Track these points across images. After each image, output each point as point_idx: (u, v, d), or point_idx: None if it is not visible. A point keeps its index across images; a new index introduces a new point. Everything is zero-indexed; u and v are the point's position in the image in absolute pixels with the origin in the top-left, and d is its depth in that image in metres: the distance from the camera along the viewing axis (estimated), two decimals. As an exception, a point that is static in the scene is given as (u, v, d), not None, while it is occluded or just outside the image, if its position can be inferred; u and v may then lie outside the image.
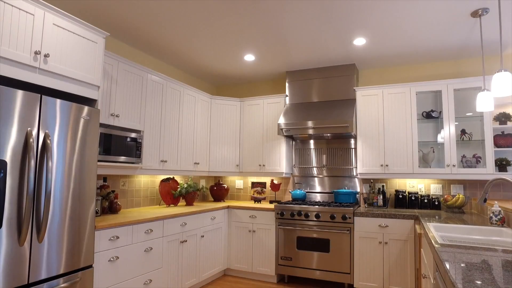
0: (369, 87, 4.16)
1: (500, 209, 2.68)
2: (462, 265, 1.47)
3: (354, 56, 4.13)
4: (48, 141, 2.14)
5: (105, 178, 3.46)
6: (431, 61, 4.24)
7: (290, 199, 4.80)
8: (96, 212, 3.04)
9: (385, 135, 4.05)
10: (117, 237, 2.77)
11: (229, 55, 4.16)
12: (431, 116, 4.01)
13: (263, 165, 4.64)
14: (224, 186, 4.91)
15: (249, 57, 4.22)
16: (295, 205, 4.03)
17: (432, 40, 3.60)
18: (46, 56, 2.21)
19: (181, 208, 3.91)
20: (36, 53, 2.14)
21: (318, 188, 4.65)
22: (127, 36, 3.63)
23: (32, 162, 2.04)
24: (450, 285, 1.38)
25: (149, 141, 3.60)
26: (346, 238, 3.77)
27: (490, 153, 3.61)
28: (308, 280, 4.19)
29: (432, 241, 2.03)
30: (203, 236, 3.91)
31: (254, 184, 5.04)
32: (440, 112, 3.98)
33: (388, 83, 4.46)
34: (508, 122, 3.71)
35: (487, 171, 3.60)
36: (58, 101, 2.26)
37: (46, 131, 2.16)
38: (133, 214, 3.25)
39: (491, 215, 2.69)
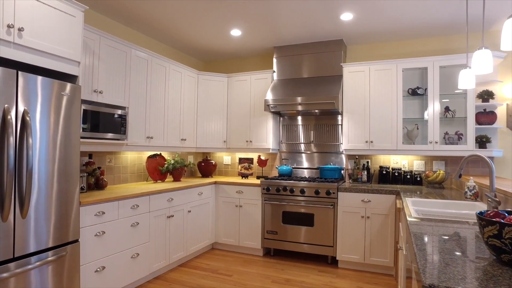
0: (356, 63, 4.15)
1: (474, 184, 2.77)
2: (428, 236, 1.54)
3: (341, 32, 4.10)
4: (28, 118, 2.13)
5: (90, 155, 3.46)
6: (418, 37, 4.22)
7: (277, 174, 4.88)
8: (82, 189, 3.07)
9: (370, 112, 4.08)
10: (103, 213, 2.81)
11: (215, 30, 4.10)
12: (416, 93, 4.04)
13: (250, 141, 4.68)
14: (212, 162, 4.95)
15: (236, 32, 4.15)
16: (281, 181, 4.10)
17: (419, 15, 3.58)
18: (20, 30, 2.15)
19: (168, 184, 3.96)
20: (9, 26, 2.09)
21: (305, 164, 4.72)
22: (110, 10, 3.54)
23: (11, 139, 2.03)
24: (413, 255, 1.45)
25: (134, 117, 3.58)
26: (330, 212, 3.87)
27: (471, 130, 3.68)
28: (293, 253, 4.33)
29: (407, 214, 2.11)
30: (190, 211, 3.98)
31: (241, 160, 5.09)
32: (426, 89, 4.01)
33: (376, 60, 4.45)
34: (491, 100, 3.76)
35: (467, 148, 3.68)
36: (39, 78, 2.23)
37: (25, 108, 2.15)
38: (119, 190, 3.29)
39: (466, 190, 2.78)
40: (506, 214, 1.29)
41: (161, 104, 4.00)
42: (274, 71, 4.64)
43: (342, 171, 4.43)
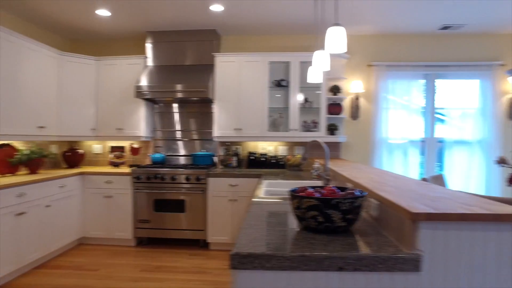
0: (227, 54, 4.32)
1: (319, 165, 3.22)
2: (259, 212, 1.74)
3: (214, 22, 4.19)
4: None
5: None
6: (283, 33, 4.61)
7: (150, 163, 4.79)
8: None
9: (241, 101, 4.32)
10: None
11: (79, 7, 3.73)
12: (281, 84, 4.43)
13: (121, 129, 4.46)
14: (79, 152, 4.57)
15: (104, 12, 3.86)
16: (152, 169, 4.05)
17: (279, 14, 3.90)
18: None
19: (19, 177, 3.51)
20: None
21: (181, 152, 4.74)
22: None
23: None
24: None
25: (-31, 100, 3.05)
26: (200, 198, 4.00)
27: (323, 119, 4.24)
28: (166, 240, 4.35)
29: (255, 195, 2.33)
30: (49, 206, 3.62)
31: (113, 149, 4.82)
32: (289, 81, 4.43)
33: (247, 51, 4.69)
34: (338, 94, 4.38)
35: (320, 134, 4.23)
36: None
37: None
38: None
39: (313, 170, 3.21)
40: (322, 190, 1.55)
41: (11, 86, 3.49)
42: (146, 57, 4.50)
43: (214, 158, 4.60)
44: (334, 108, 4.37)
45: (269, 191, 2.80)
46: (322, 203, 1.32)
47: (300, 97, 4.36)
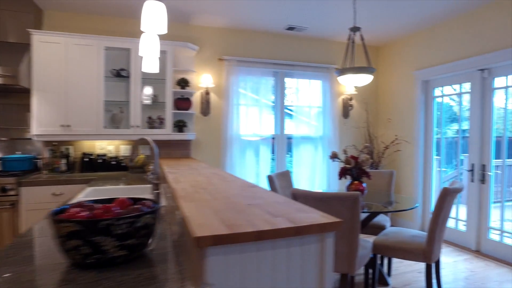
0: (49, 32, 3.50)
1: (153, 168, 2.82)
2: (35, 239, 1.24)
3: (27, -10, 3.32)
4: None
5: None
6: (123, 16, 4.02)
7: None
8: None
9: (69, 92, 3.56)
10: None
11: None
12: (121, 75, 3.84)
13: None
14: None
15: None
16: None
17: (115, -10, 3.33)
18: None
19: None
20: None
21: (-11, 155, 3.66)
22: None
23: None
24: None
25: None
26: (8, 215, 3.11)
27: (169, 115, 3.85)
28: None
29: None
30: None
31: None
32: (130, 72, 3.87)
33: (76, 32, 3.90)
34: (187, 87, 4.05)
35: (167, 132, 3.83)
36: None
37: None
38: None
39: (149, 173, 2.79)
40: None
41: None
42: None
43: (38, 161, 3.70)
44: (183, 103, 4.03)
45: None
46: (86, 228, 0.92)
47: (148, 91, 3.87)
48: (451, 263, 3.56)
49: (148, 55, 2.38)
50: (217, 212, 1.07)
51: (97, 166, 3.81)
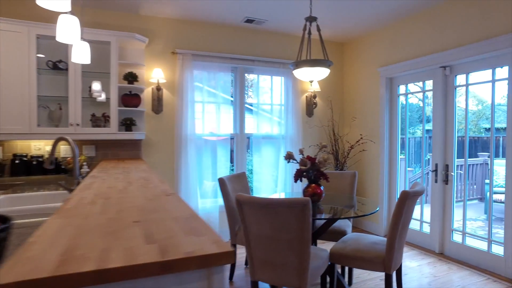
0: (-30, 18, 3.06)
1: (88, 170, 2.47)
2: None
3: None
4: None
5: None
6: None
7: None
8: None
9: (-5, 86, 3.13)
10: None
11: None
12: (58, 67, 3.44)
13: None
14: None
15: None
16: None
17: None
18: None
19: None
20: None
21: None
22: None
23: None
24: None
25: None
26: None
27: (115, 112, 3.49)
28: None
29: None
30: None
31: None
32: (68, 64, 3.48)
33: (5, 16, 3.43)
34: (135, 82, 3.70)
35: (112, 131, 3.47)
36: None
37: None
38: None
39: (80, 176, 2.44)
40: None
41: None
42: None
43: (-42, 164, 3.25)
44: (131, 99, 3.68)
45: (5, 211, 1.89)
46: None
47: (96, 86, 3.49)
48: (415, 267, 3.40)
49: (67, 41, 2.04)
50: (78, 236, 0.78)
51: (32, 169, 3.39)
